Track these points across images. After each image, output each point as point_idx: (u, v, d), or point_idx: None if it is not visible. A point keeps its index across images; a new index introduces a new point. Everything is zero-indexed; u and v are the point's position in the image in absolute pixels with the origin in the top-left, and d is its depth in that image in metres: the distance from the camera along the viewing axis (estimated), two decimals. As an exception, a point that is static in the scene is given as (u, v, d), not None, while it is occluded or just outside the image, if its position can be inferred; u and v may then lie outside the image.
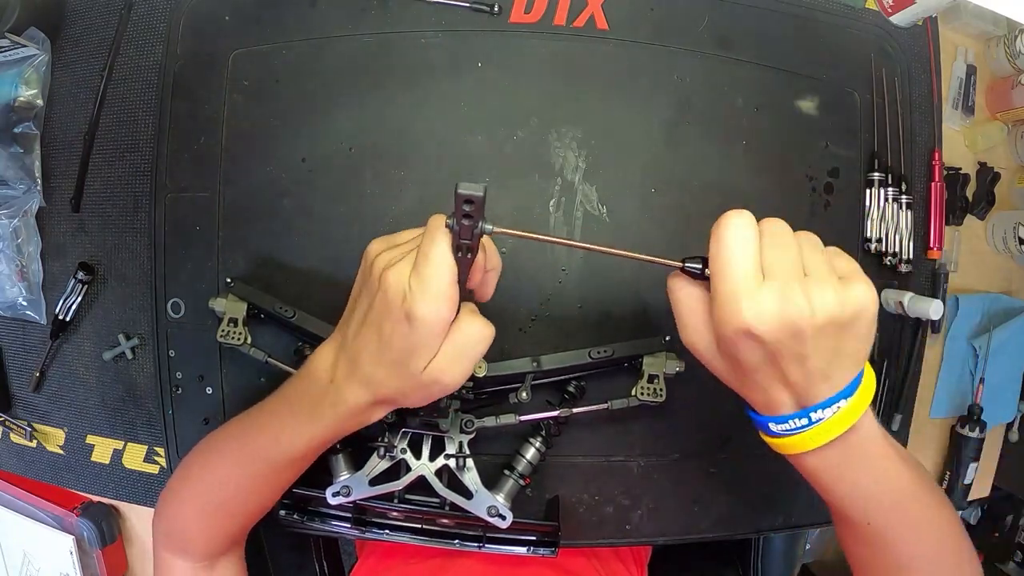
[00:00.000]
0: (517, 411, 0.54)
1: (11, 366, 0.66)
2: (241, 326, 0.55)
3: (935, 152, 0.66)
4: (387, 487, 0.52)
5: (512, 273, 0.58)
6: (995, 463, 0.75)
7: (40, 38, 0.61)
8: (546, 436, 0.56)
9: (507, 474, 0.55)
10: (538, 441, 0.56)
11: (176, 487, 0.52)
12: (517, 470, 0.55)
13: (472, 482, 0.52)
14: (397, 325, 0.37)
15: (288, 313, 0.55)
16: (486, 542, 0.55)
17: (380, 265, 0.38)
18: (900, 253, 0.64)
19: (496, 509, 0.52)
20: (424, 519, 0.55)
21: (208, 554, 0.52)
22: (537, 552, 0.55)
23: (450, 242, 0.35)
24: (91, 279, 0.62)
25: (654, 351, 0.54)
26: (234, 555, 0.54)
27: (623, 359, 0.55)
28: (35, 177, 0.63)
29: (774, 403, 0.38)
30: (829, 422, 0.37)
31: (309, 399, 0.44)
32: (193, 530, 0.51)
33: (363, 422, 0.44)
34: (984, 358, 0.69)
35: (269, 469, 0.47)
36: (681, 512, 0.62)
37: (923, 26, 0.66)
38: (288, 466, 0.47)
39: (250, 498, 0.50)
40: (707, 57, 0.60)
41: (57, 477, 0.66)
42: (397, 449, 0.52)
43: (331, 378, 0.42)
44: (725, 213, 0.36)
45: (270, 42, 0.60)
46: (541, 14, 0.59)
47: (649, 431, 0.60)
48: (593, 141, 0.58)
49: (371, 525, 0.55)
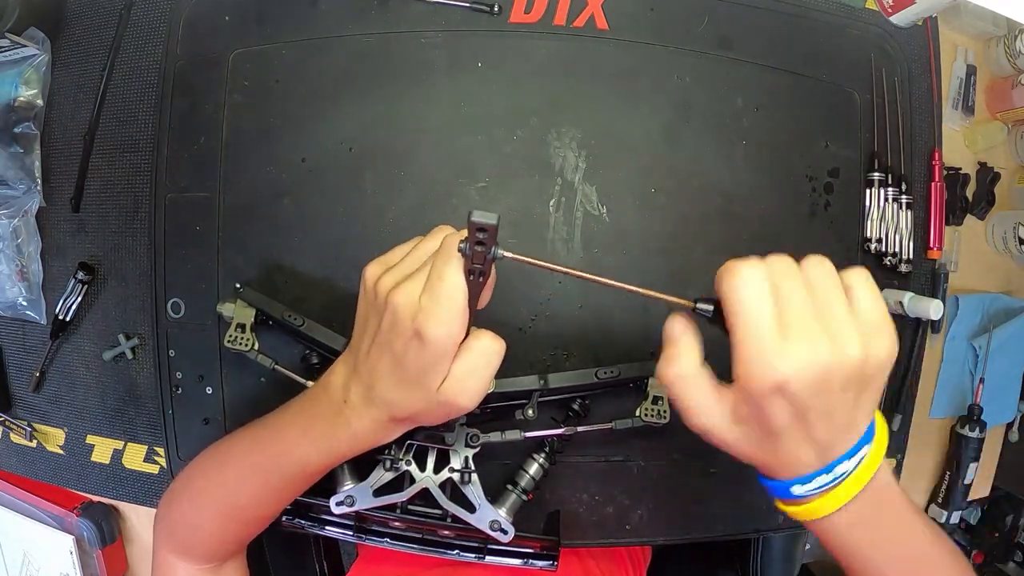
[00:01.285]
0: (523, 427, 0.54)
1: (11, 366, 0.66)
2: (249, 332, 0.54)
3: (935, 152, 0.66)
4: (391, 498, 0.52)
5: (512, 273, 0.58)
6: (995, 463, 0.75)
7: (40, 38, 0.61)
8: (550, 452, 0.56)
9: (510, 489, 0.55)
10: (542, 457, 0.56)
11: (186, 489, 0.52)
12: (520, 485, 0.55)
13: (475, 496, 0.52)
14: (409, 343, 0.37)
15: (297, 322, 0.54)
16: (487, 553, 0.55)
17: (386, 286, 0.38)
18: (900, 253, 0.64)
19: (499, 524, 0.52)
20: (426, 530, 0.55)
21: (216, 557, 0.52)
22: (535, 565, 0.55)
23: (463, 265, 0.35)
24: (91, 279, 0.62)
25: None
26: (239, 559, 0.55)
27: (629, 379, 0.55)
28: (35, 177, 0.63)
29: (798, 464, 0.35)
30: (855, 475, 0.35)
31: (324, 419, 0.43)
32: (204, 533, 0.51)
33: (379, 441, 0.43)
34: (984, 358, 0.69)
35: (282, 481, 0.47)
36: (681, 512, 0.62)
37: (923, 26, 0.66)
38: (302, 479, 0.47)
39: (263, 505, 0.49)
40: (707, 57, 0.60)
41: (57, 477, 0.66)
42: (402, 461, 0.52)
43: (345, 398, 0.42)
44: (731, 264, 0.33)
45: (270, 42, 0.60)
46: (541, 14, 0.59)
47: (649, 432, 0.60)
48: (593, 141, 0.58)
49: (372, 533, 0.55)
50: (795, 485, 0.36)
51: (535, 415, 0.54)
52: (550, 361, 0.59)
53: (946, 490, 0.70)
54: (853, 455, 0.35)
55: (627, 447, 0.60)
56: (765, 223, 0.60)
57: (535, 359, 0.58)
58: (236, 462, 0.49)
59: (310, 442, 0.44)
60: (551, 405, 0.58)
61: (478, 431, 0.52)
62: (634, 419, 0.54)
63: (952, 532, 0.72)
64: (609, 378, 0.54)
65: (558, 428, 0.55)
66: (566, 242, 0.59)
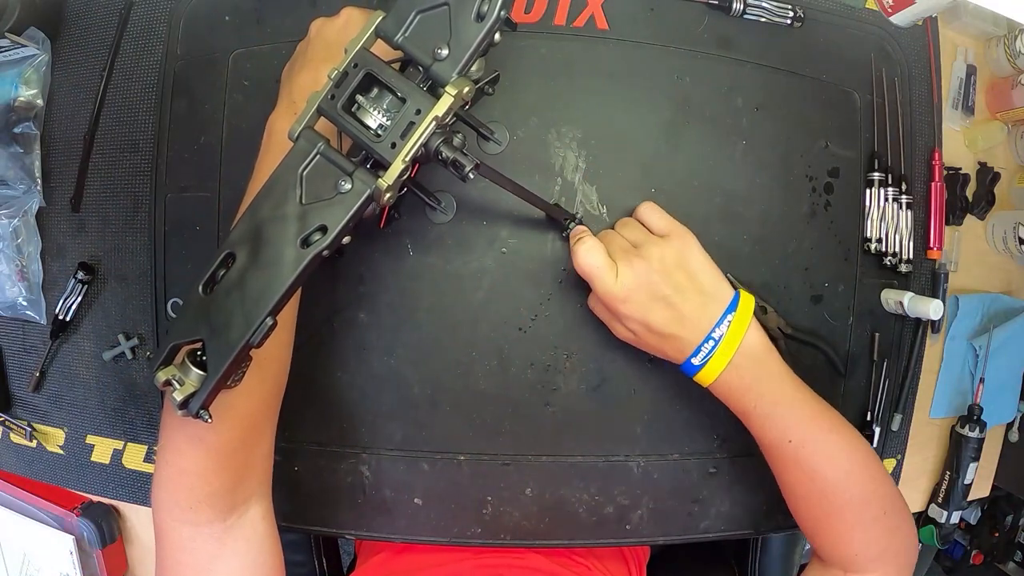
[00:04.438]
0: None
1: (11, 366, 0.66)
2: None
3: (935, 152, 0.66)
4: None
5: (512, 273, 0.58)
6: (995, 463, 0.75)
7: (40, 38, 0.61)
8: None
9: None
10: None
11: (164, 443, 0.45)
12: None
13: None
14: (310, 42, 0.49)
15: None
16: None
17: (315, 26, 0.50)
18: (900, 253, 0.64)
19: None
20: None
21: (233, 502, 0.45)
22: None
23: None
24: (91, 279, 0.62)
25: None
26: (265, 502, 0.48)
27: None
28: (35, 177, 0.63)
29: (683, 342, 0.50)
30: (728, 334, 0.50)
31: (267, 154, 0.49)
32: (211, 471, 0.44)
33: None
34: (984, 358, 0.69)
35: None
36: (681, 512, 0.62)
37: (923, 26, 0.66)
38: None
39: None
40: (707, 57, 0.60)
41: (57, 477, 0.66)
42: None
43: (276, 120, 0.49)
44: (578, 244, 0.51)
45: (270, 42, 0.60)
46: (541, 14, 0.59)
47: (649, 431, 0.60)
48: (593, 141, 0.58)
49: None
50: (693, 357, 0.51)
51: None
52: (550, 361, 0.59)
53: (946, 490, 0.70)
54: (720, 323, 0.50)
55: (627, 447, 0.60)
56: (765, 223, 0.60)
57: (535, 359, 0.58)
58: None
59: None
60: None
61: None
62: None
63: (952, 532, 0.72)
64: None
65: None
66: (566, 242, 0.59)
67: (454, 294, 0.58)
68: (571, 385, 0.59)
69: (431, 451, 0.59)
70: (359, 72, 0.36)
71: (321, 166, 0.36)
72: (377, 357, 0.58)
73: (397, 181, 0.35)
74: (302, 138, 0.37)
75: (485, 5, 0.35)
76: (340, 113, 0.36)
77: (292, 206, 0.36)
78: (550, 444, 0.59)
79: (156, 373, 0.36)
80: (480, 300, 0.58)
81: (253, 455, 0.47)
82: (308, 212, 0.36)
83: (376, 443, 0.59)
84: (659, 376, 0.59)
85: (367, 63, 0.36)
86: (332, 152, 0.36)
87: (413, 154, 0.35)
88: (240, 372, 0.37)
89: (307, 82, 0.47)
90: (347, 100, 0.36)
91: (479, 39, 0.35)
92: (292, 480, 0.59)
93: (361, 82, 0.36)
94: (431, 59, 0.36)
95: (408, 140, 0.35)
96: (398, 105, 0.36)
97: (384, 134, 0.36)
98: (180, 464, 0.44)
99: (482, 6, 0.35)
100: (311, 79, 0.47)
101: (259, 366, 0.41)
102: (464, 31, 0.35)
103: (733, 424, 0.54)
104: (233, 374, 0.36)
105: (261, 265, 0.35)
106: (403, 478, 0.59)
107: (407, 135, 0.35)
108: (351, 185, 0.35)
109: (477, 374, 0.58)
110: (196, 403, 0.35)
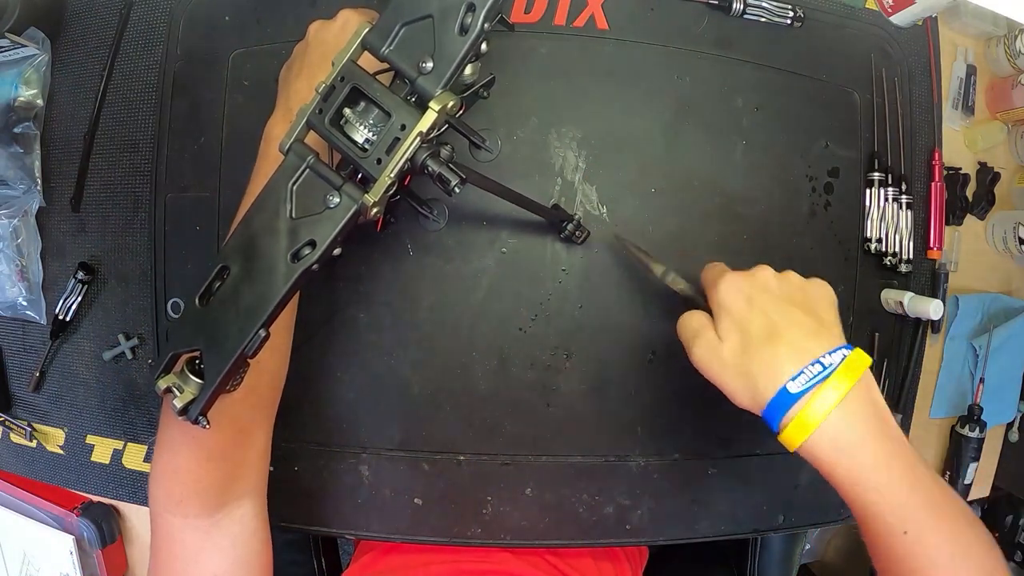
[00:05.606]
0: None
1: (11, 366, 0.66)
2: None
3: (935, 152, 0.66)
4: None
5: (512, 273, 0.58)
6: (995, 463, 0.75)
7: (40, 38, 0.61)
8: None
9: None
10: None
11: (161, 442, 0.46)
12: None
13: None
14: (307, 49, 0.49)
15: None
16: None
17: (312, 29, 0.50)
18: (900, 253, 0.64)
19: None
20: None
21: (222, 499, 0.46)
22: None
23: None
24: (91, 279, 0.62)
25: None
26: (243, 506, 0.47)
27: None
28: (35, 177, 0.63)
29: (779, 359, 0.41)
30: (842, 368, 0.40)
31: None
32: (202, 467, 0.45)
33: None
34: (984, 358, 0.69)
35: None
36: (681, 512, 0.62)
37: (923, 26, 0.66)
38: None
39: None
40: (707, 57, 0.60)
41: (57, 477, 0.66)
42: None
43: (273, 128, 0.49)
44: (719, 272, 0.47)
45: (270, 42, 0.60)
46: (541, 14, 0.59)
47: (649, 431, 0.60)
48: (593, 141, 0.58)
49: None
50: (789, 383, 0.40)
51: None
52: (550, 361, 0.59)
53: (946, 490, 0.70)
54: (835, 352, 0.40)
55: (627, 447, 0.60)
56: (765, 223, 0.60)
57: (535, 359, 0.58)
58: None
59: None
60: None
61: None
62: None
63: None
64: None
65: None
66: (565, 242, 0.59)
67: (454, 294, 0.58)
68: (571, 385, 0.59)
69: (431, 451, 0.59)
70: (346, 86, 0.36)
71: (310, 180, 0.36)
72: (377, 357, 0.58)
73: (384, 196, 0.35)
74: (292, 152, 0.37)
75: (468, 18, 0.34)
76: (328, 128, 0.36)
77: (283, 220, 0.36)
78: (550, 444, 0.59)
79: (157, 381, 0.36)
80: (480, 300, 0.58)
81: (246, 456, 0.48)
82: (298, 226, 0.36)
83: (376, 443, 0.59)
84: (659, 376, 0.59)
85: (354, 76, 0.36)
86: (321, 166, 0.36)
87: (399, 170, 0.35)
88: (238, 378, 0.37)
89: (303, 89, 0.48)
90: (334, 114, 0.36)
91: (462, 53, 0.35)
92: (292, 480, 0.59)
93: (348, 96, 0.36)
94: (416, 72, 0.35)
95: (393, 156, 0.35)
96: (384, 119, 0.36)
97: (371, 149, 0.36)
98: (174, 461, 0.45)
99: (465, 19, 0.34)
100: (306, 86, 0.47)
101: (254, 371, 0.41)
102: (448, 44, 0.35)
103: (733, 424, 0.54)
104: (230, 382, 0.36)
105: (254, 278, 0.36)
106: (403, 478, 0.59)
107: (392, 151, 0.35)
108: (339, 200, 0.35)
109: (477, 374, 0.58)
110: (195, 410, 0.35)
